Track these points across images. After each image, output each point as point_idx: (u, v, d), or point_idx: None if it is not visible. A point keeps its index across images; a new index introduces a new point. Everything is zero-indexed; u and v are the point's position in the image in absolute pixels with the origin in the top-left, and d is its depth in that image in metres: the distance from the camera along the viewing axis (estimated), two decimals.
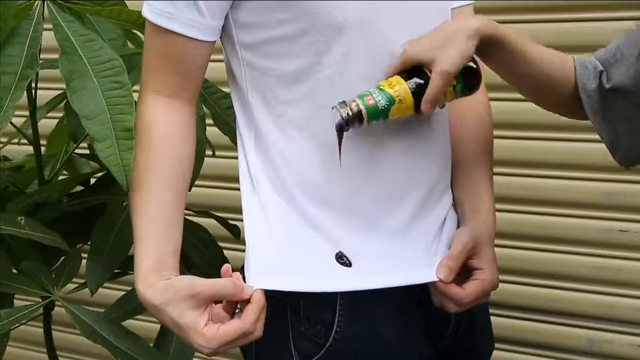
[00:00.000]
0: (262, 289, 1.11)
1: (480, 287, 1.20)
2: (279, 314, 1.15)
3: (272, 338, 1.15)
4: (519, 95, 1.80)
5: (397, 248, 1.17)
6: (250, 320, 1.09)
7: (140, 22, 1.37)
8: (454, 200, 1.27)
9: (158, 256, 1.13)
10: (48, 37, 1.33)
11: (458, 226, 1.25)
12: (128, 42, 1.54)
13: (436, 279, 1.17)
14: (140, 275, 1.13)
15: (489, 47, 1.13)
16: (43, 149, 1.58)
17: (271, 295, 1.12)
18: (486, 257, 1.22)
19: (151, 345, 1.41)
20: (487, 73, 1.35)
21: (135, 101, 1.27)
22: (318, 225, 1.15)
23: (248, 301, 1.10)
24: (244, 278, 1.14)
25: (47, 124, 1.67)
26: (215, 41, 1.17)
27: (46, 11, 1.34)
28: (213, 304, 1.11)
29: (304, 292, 1.14)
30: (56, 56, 1.31)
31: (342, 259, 1.14)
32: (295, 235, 1.15)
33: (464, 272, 1.21)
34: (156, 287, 1.11)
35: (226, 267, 1.12)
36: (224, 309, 1.11)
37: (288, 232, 1.16)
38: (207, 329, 1.08)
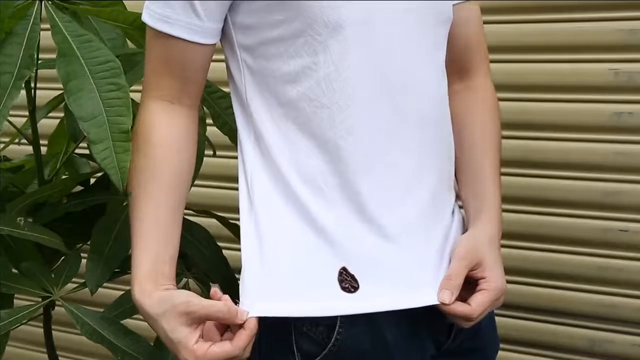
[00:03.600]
0: (256, 317, 1.12)
1: (487, 297, 1.19)
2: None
3: (274, 338, 1.15)
4: (520, 95, 1.82)
5: (403, 258, 1.16)
6: (241, 346, 1.10)
7: (137, 24, 1.36)
8: (460, 200, 1.27)
9: (155, 263, 1.14)
10: (48, 37, 1.33)
11: (464, 228, 1.25)
12: (128, 41, 1.54)
13: (438, 303, 1.17)
14: (137, 281, 1.14)
15: None
16: (43, 149, 1.58)
17: None
18: (489, 264, 1.21)
19: (151, 344, 1.40)
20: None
21: (133, 102, 1.27)
22: (319, 225, 1.14)
23: (241, 325, 1.11)
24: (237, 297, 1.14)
25: (47, 124, 1.67)
26: (215, 44, 1.17)
27: (44, 11, 1.34)
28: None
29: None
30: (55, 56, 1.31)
31: (346, 283, 1.14)
32: (294, 242, 1.15)
33: (470, 282, 1.20)
34: (153, 296, 1.12)
35: (214, 290, 1.13)
36: (215, 326, 1.12)
37: (286, 240, 1.15)
38: (197, 347, 1.09)
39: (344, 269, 1.14)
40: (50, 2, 1.34)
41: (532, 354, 1.88)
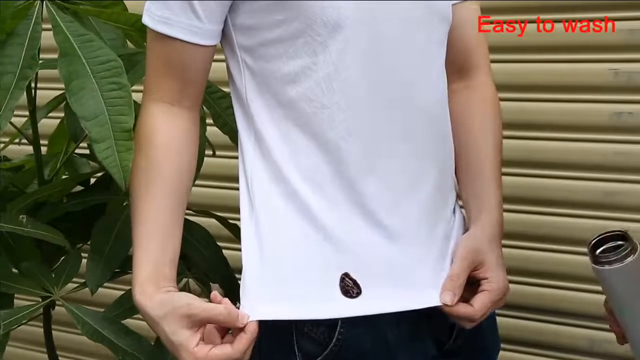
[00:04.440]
0: (257, 320, 1.12)
1: (489, 298, 1.20)
2: None
3: (275, 338, 1.15)
4: (520, 95, 1.82)
5: (404, 258, 1.16)
6: (241, 349, 1.10)
7: (138, 25, 1.37)
8: (461, 200, 1.27)
9: (155, 266, 1.14)
10: (49, 37, 1.33)
11: (465, 227, 1.25)
12: (128, 42, 1.54)
13: (440, 304, 1.17)
14: (137, 283, 1.14)
15: None
16: (43, 149, 1.58)
17: None
18: (490, 264, 1.21)
19: (152, 343, 1.40)
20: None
21: (134, 101, 1.27)
22: (321, 226, 1.14)
23: (242, 328, 1.11)
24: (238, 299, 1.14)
25: (47, 124, 1.67)
26: (215, 45, 1.17)
27: (45, 11, 1.34)
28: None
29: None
30: (57, 56, 1.31)
31: (348, 289, 1.13)
32: (294, 243, 1.15)
33: (472, 282, 1.20)
34: (154, 299, 1.12)
35: (214, 294, 1.13)
36: (216, 328, 1.12)
37: (287, 241, 1.15)
38: (197, 349, 1.09)
39: (346, 274, 1.14)
40: (51, 2, 1.34)
41: (533, 354, 1.88)
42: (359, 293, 1.13)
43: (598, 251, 1.10)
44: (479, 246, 1.21)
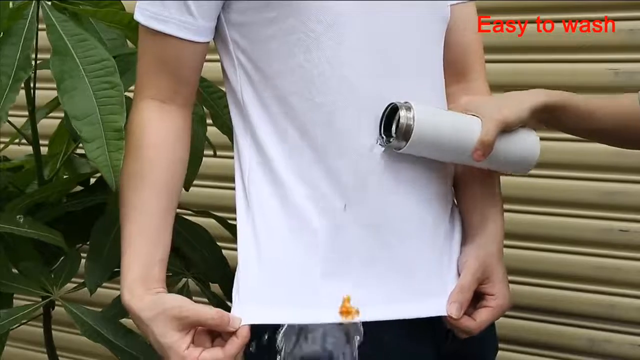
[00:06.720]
0: (249, 324, 1.11)
1: (492, 315, 1.20)
2: None
3: (268, 338, 1.15)
4: None
5: (403, 263, 1.15)
6: (232, 353, 1.09)
7: (133, 25, 1.37)
8: (459, 205, 1.26)
9: (145, 266, 1.13)
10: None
11: (463, 233, 1.24)
12: (128, 41, 1.54)
13: (446, 314, 1.16)
14: (126, 284, 1.13)
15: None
16: (43, 149, 1.59)
17: None
18: (497, 280, 1.21)
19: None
20: (488, 73, 1.35)
21: (128, 100, 1.26)
22: (315, 228, 1.13)
23: (234, 332, 1.10)
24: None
25: (47, 124, 1.67)
26: (208, 42, 1.16)
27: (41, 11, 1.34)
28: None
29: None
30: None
31: (348, 314, 1.13)
32: (288, 247, 1.14)
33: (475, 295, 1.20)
34: (144, 300, 1.11)
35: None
36: (206, 331, 1.11)
37: (281, 245, 1.14)
38: (188, 352, 1.08)
39: (347, 300, 1.12)
40: (48, 3, 1.34)
41: (532, 354, 1.88)
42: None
43: (384, 134, 1.13)
44: (488, 258, 1.20)
